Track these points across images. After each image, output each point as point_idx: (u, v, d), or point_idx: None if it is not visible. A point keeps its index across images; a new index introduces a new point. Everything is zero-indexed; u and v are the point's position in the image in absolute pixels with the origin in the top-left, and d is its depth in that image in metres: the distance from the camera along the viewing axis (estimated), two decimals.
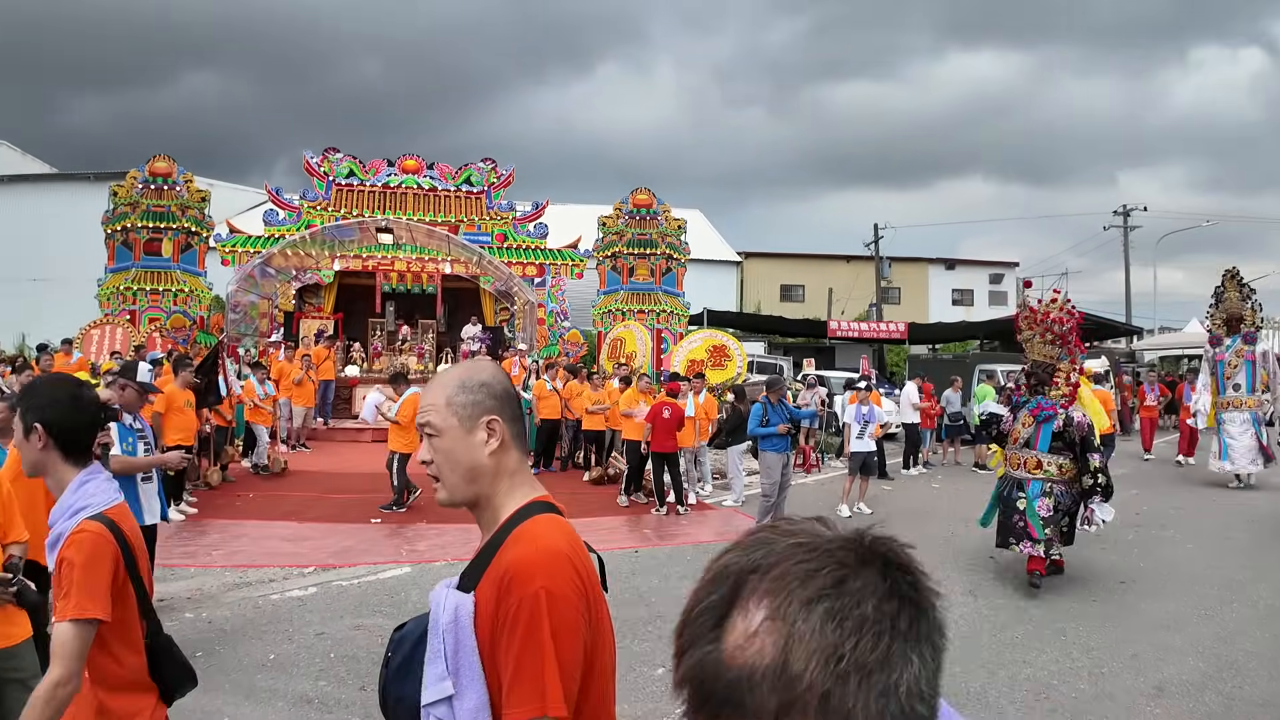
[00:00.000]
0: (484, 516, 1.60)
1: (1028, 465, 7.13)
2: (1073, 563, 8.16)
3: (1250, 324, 13.17)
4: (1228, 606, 6.65)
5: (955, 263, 43.41)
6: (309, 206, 19.31)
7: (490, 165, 20.46)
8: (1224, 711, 4.66)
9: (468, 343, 20.09)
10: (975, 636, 5.94)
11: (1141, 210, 37.31)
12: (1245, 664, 5.37)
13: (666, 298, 19.23)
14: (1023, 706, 4.74)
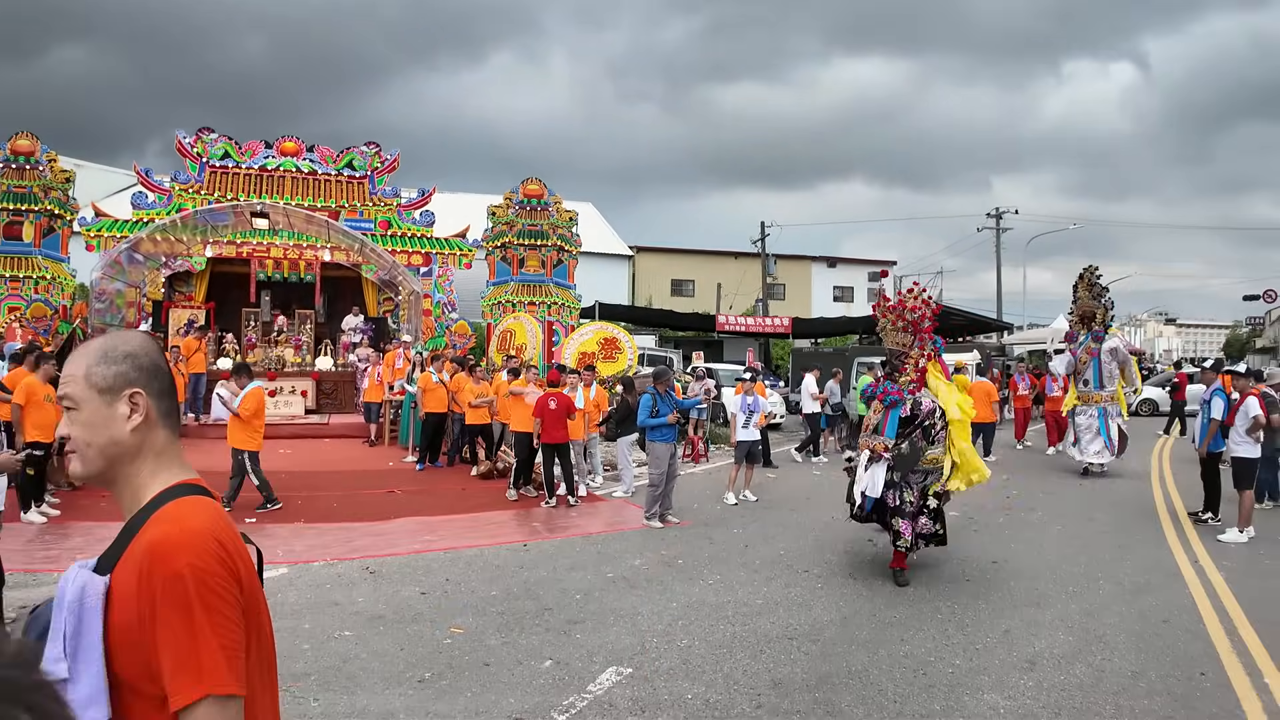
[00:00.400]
0: (124, 497, 1.49)
1: (877, 449, 7.17)
2: (950, 541, 8.45)
3: (1100, 322, 13.71)
4: (1094, 584, 6.99)
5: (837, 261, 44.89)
6: (180, 189, 18.14)
7: (374, 149, 19.69)
8: (1093, 683, 4.85)
9: (348, 334, 19.29)
10: (855, 617, 6.03)
11: (1013, 213, 39.43)
12: (1112, 638, 5.63)
13: (558, 290, 18.99)
14: (901, 683, 4.80)
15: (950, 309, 30.00)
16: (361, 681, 4.65)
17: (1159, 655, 5.29)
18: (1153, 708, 4.49)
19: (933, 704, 4.52)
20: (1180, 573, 7.36)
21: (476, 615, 5.86)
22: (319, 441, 15.10)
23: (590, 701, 4.44)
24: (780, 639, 5.52)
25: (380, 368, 15.00)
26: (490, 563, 7.29)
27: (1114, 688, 4.77)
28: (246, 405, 9.06)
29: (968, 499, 10.98)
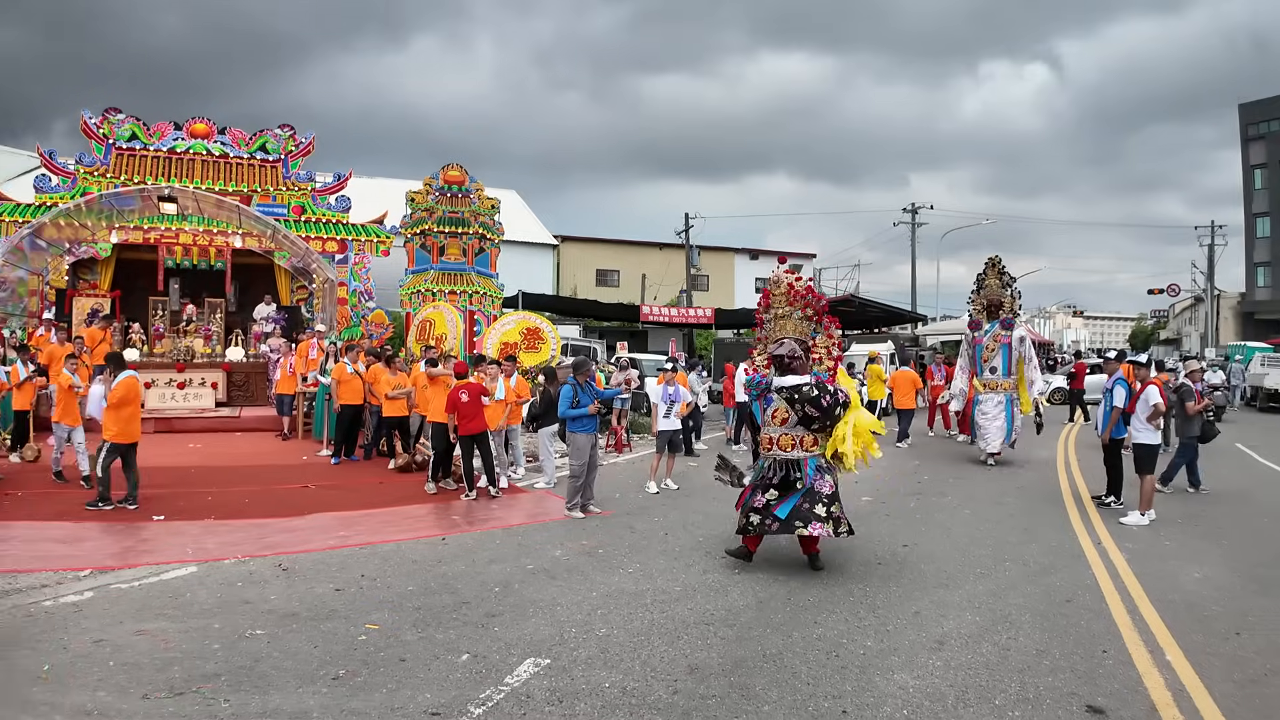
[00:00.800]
0: None
1: (804, 444, 6.92)
2: (859, 529, 8.68)
3: (1009, 310, 13.83)
4: (1001, 565, 7.28)
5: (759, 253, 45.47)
6: (85, 172, 17.27)
7: (289, 132, 19.09)
8: (999, 661, 5.05)
9: (260, 323, 18.64)
10: (771, 602, 6.15)
11: (928, 209, 40.79)
12: (1018, 617, 5.87)
13: (479, 279, 18.71)
14: (814, 665, 4.92)
15: (866, 301, 30.82)
16: (274, 681, 4.53)
17: (1062, 634, 5.54)
18: (1056, 685, 4.69)
19: (845, 685, 4.64)
20: (1084, 554, 7.72)
21: (393, 611, 5.76)
22: (230, 435, 14.59)
23: (507, 694, 4.42)
24: (697, 624, 5.59)
25: (293, 359, 14.56)
26: (407, 557, 7.16)
27: (1019, 665, 4.97)
28: (115, 393, 8.67)
29: (881, 484, 11.38)
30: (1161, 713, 4.35)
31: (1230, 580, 6.87)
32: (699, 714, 4.24)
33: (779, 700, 4.42)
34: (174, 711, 4.12)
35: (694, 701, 4.38)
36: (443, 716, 4.14)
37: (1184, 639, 5.44)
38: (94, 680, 4.47)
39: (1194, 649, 5.26)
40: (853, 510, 9.53)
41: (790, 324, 7.28)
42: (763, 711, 4.28)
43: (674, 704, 4.35)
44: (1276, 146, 50.61)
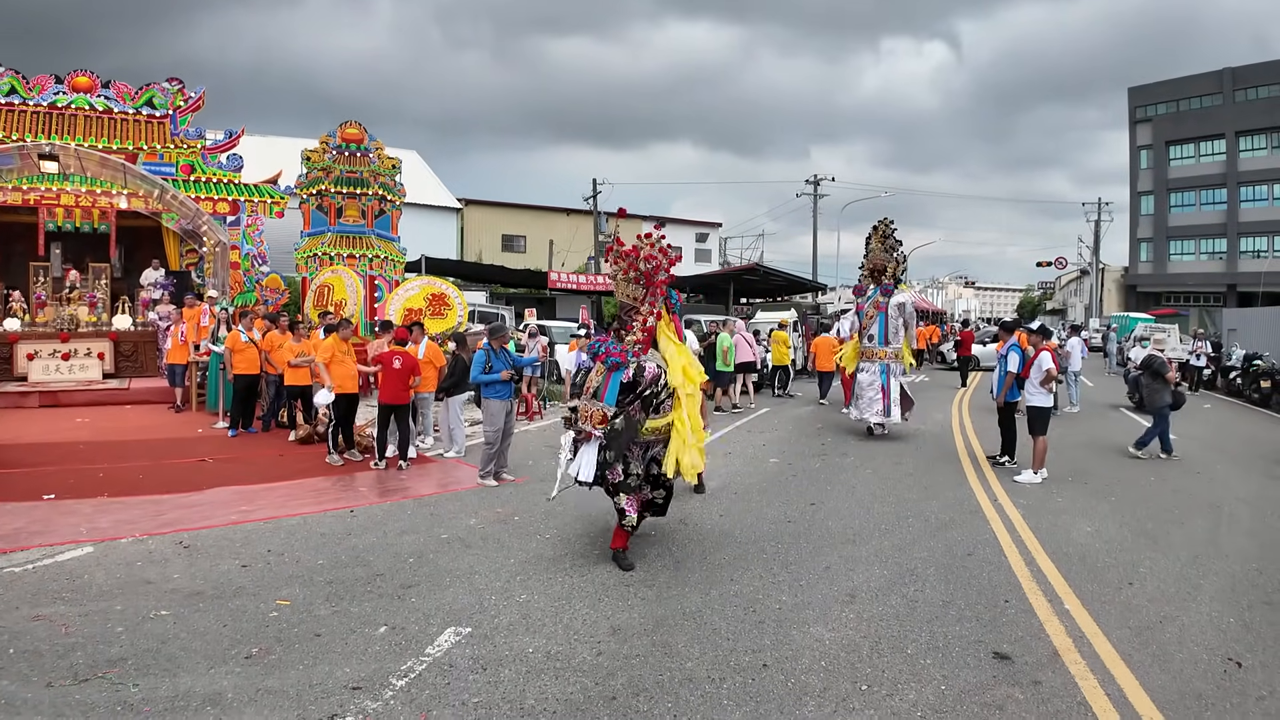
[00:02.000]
0: None
1: (593, 419, 6.00)
2: (768, 486, 8.94)
3: (891, 276, 13.06)
4: (904, 521, 7.60)
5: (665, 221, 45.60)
6: None
7: (177, 86, 17.92)
8: (908, 612, 5.29)
9: (148, 290, 17.61)
10: (687, 561, 6.27)
11: (830, 180, 41.53)
12: (923, 570, 6.15)
13: (380, 242, 18.14)
14: (733, 620, 5.05)
15: (770, 270, 31.37)
16: (183, 663, 4.35)
17: (965, 585, 5.83)
18: (963, 633, 4.95)
19: (763, 639, 4.78)
20: (981, 510, 8.13)
21: (303, 586, 5.60)
22: (120, 409, 13.80)
23: (430, 664, 4.38)
24: (617, 586, 5.65)
25: (184, 326, 13.84)
26: (315, 531, 6.97)
27: (927, 616, 5.22)
28: None
29: (787, 447, 11.70)
30: (1064, 657, 4.65)
31: (1120, 534, 7.35)
32: (623, 673, 4.30)
33: (701, 656, 4.53)
34: (81, 699, 3.92)
35: (618, 661, 4.44)
36: (364, 690, 4.08)
37: (1080, 589, 5.80)
38: None
39: (1090, 598, 5.62)
40: (762, 471, 9.86)
41: (622, 286, 6.35)
42: (685, 668, 4.38)
43: (599, 665, 4.40)
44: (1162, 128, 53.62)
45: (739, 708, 3.98)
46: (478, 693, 4.07)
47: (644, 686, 4.16)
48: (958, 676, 4.37)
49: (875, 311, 12.94)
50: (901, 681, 4.30)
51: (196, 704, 3.91)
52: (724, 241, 48.93)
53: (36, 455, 9.25)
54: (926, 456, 11.20)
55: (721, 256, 47.89)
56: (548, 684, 4.18)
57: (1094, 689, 4.25)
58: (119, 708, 3.85)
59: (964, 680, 4.33)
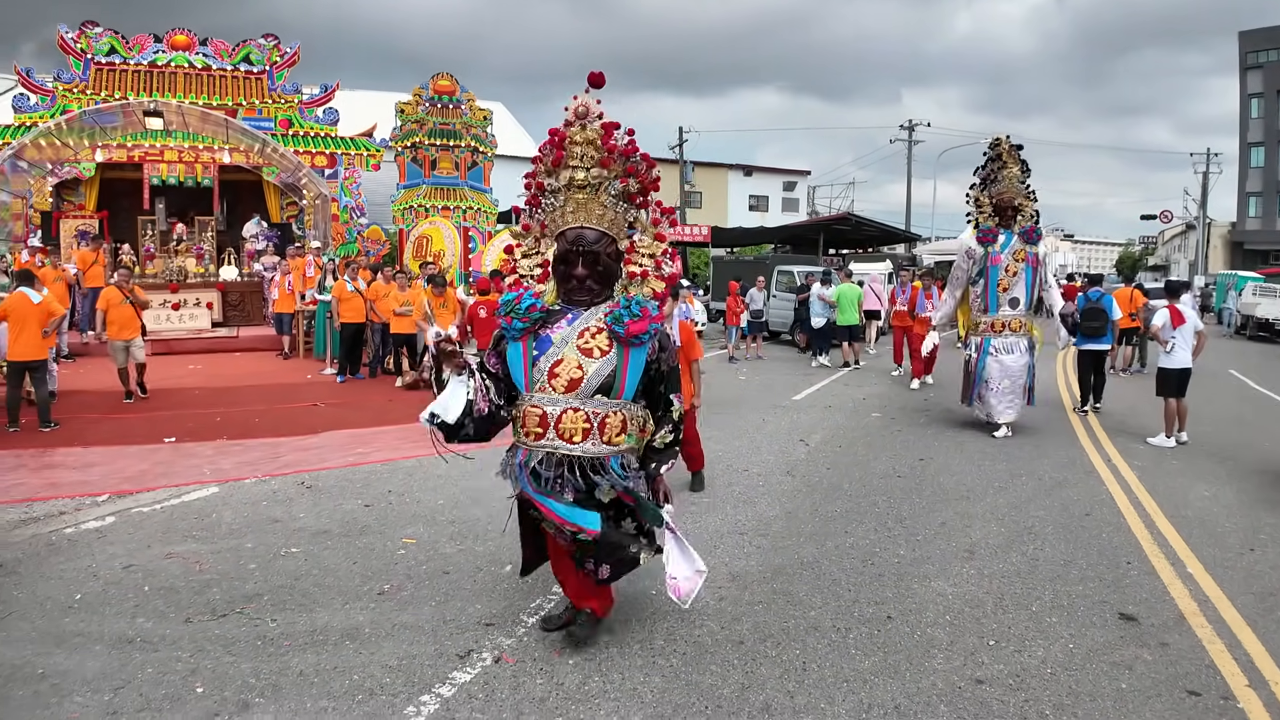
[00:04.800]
0: None
1: (606, 430, 3.72)
2: (874, 441, 8.78)
3: (1029, 216, 9.46)
4: (1016, 479, 7.36)
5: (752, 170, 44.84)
6: (65, 89, 16.59)
7: (272, 42, 18.34)
8: (1030, 569, 5.14)
9: (251, 241, 18.28)
10: (798, 513, 6.21)
11: (925, 126, 39.94)
12: (1040, 529, 5.95)
13: (473, 193, 18.33)
14: (852, 572, 4.99)
15: (863, 219, 30.56)
16: (317, 598, 4.53)
17: (1085, 545, 5.62)
18: (1087, 593, 4.79)
19: (884, 592, 4.71)
20: (1096, 470, 7.79)
21: (427, 525, 5.77)
22: (230, 356, 14.44)
23: (558, 600, 4.45)
24: (730, 534, 5.64)
25: (290, 276, 14.31)
26: (432, 473, 7.15)
27: (1049, 574, 5.06)
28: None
29: (888, 401, 11.44)
30: (1189, 620, 4.45)
31: (1238, 499, 6.96)
32: (748, 619, 4.30)
33: (824, 606, 4.49)
34: (220, 634, 4.09)
35: (740, 607, 4.45)
36: (497, 626, 4.18)
37: (1201, 552, 5.53)
38: (130, 607, 4.41)
39: (1212, 562, 5.35)
40: (865, 426, 9.68)
41: (596, 203, 3.77)
42: (810, 616, 4.35)
43: (722, 609, 4.41)
44: (1274, 76, 49.79)
45: (867, 657, 3.93)
46: (607, 629, 4.13)
47: (770, 633, 4.15)
48: (1085, 635, 4.24)
49: (1018, 265, 9.26)
50: (1029, 638, 4.19)
51: (335, 638, 4.06)
52: (812, 190, 47.82)
53: (154, 401, 9.75)
54: (1035, 414, 10.78)
55: (810, 205, 46.90)
56: (674, 626, 4.21)
57: (1221, 653, 4.08)
58: (259, 642, 4.02)
59: (1091, 639, 4.20)
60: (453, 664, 3.79)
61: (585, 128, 3.74)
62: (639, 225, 3.91)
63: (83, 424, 8.97)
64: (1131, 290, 15.04)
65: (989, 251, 9.34)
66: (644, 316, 3.68)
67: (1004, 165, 9.42)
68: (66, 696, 3.51)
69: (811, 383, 13.19)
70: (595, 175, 3.73)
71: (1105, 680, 3.79)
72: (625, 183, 3.78)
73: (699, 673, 3.75)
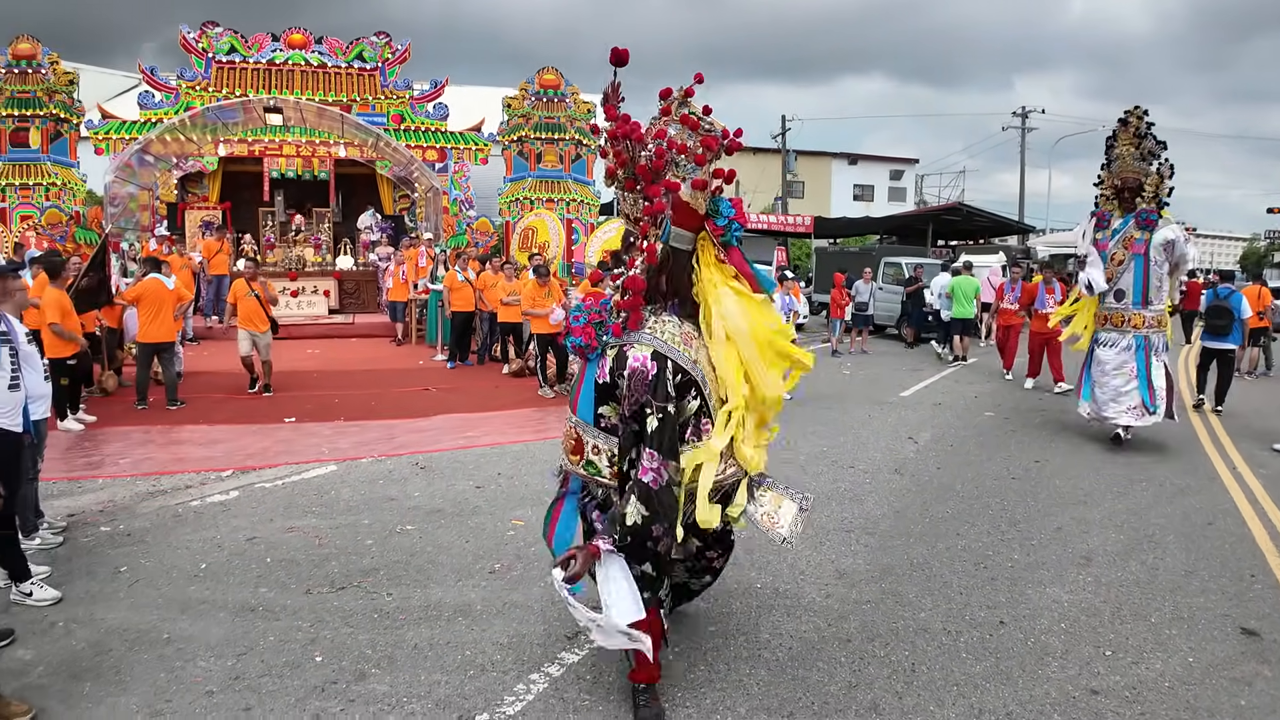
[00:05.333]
0: None
1: (566, 446, 3.49)
2: (986, 441, 8.50)
3: (1150, 197, 8.37)
4: (1135, 485, 7.01)
5: (857, 158, 43.86)
6: (188, 87, 17.60)
7: (384, 40, 18.98)
8: (1149, 579, 4.91)
9: (365, 232, 19.05)
10: (907, 511, 6.08)
11: (1039, 113, 38.20)
12: (1161, 537, 5.67)
13: (576, 186, 18.57)
14: (963, 575, 4.87)
15: (974, 209, 29.47)
16: (432, 574, 4.72)
17: (1208, 556, 5.33)
18: (1208, 605, 4.55)
19: (997, 596, 4.58)
20: (1219, 477, 7.36)
21: (534, 508, 5.90)
22: (346, 341, 15.11)
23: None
24: (838, 531, 5.58)
25: (404, 266, 14.86)
26: (538, 457, 7.32)
27: (1169, 585, 4.83)
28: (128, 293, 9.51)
29: (1000, 399, 11.04)
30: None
31: None
32: (855, 617, 4.26)
33: (934, 608, 4.40)
34: (338, 606, 4.30)
35: (848, 605, 4.40)
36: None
37: None
38: (253, 577, 4.66)
39: None
40: (977, 425, 9.38)
41: (627, 201, 3.51)
42: (919, 618, 4.27)
43: (829, 606, 4.38)
44: None
45: (979, 662, 3.84)
46: (712, 621, 4.16)
47: (878, 632, 4.10)
48: (1204, 649, 4.05)
49: (1126, 254, 8.30)
50: (1146, 650, 4.01)
51: (448, 614, 4.23)
52: (920, 179, 46.40)
53: (275, 383, 10.28)
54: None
55: (918, 195, 45.55)
56: (780, 620, 4.20)
57: None
58: (375, 614, 4.21)
59: (1211, 654, 4.01)
60: (561, 645, 3.90)
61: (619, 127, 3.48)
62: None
63: (208, 403, 9.56)
64: (1259, 288, 13.99)
65: (1098, 238, 8.60)
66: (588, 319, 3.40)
67: (1118, 142, 8.66)
68: (190, 660, 3.77)
69: (919, 379, 12.85)
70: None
71: (1224, 696, 3.62)
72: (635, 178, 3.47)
73: (805, 668, 3.74)
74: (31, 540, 4.95)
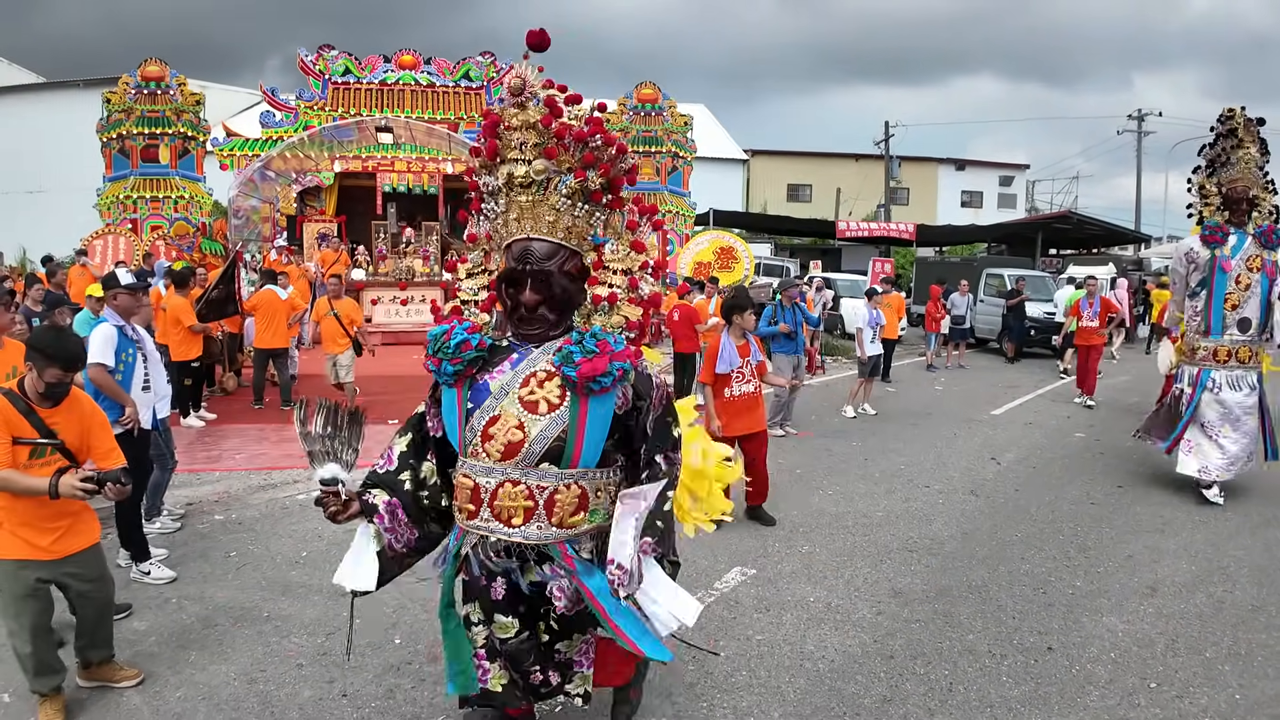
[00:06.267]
0: None
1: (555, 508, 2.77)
2: (1071, 463, 8.37)
3: (1266, 211, 7.24)
4: (1220, 514, 6.81)
5: (965, 164, 42.67)
6: (306, 107, 18.89)
7: (489, 59, 19.86)
8: (1213, 613, 4.86)
9: None
10: (975, 534, 6.15)
11: (1156, 116, 36.32)
12: (1235, 570, 5.56)
13: (672, 198, 18.97)
14: (1020, 600, 4.95)
15: (1085, 218, 28.37)
16: None
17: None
18: (1269, 641, 4.49)
19: (1051, 622, 4.66)
20: None
21: None
22: None
23: (718, 598, 4.79)
24: (900, 551, 5.72)
25: None
26: None
27: (1233, 619, 4.77)
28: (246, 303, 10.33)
29: (1094, 419, 10.76)
30: None
31: None
32: (902, 635, 4.43)
33: (983, 630, 4.52)
34: (419, 595, 4.65)
35: (898, 623, 4.57)
36: None
37: None
38: None
39: None
40: (1065, 446, 9.23)
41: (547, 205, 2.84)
42: (966, 640, 4.41)
43: (878, 623, 4.57)
44: None
45: (1018, 685, 3.96)
46: (761, 630, 4.42)
47: (922, 651, 4.27)
48: (1255, 686, 4.02)
49: (1252, 275, 7.06)
50: (1194, 684, 4.02)
51: None
52: (1031, 185, 44.74)
53: (383, 386, 10.97)
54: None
55: (1028, 202, 43.95)
56: (827, 634, 4.42)
57: None
58: None
59: (1261, 691, 3.97)
60: None
61: (525, 107, 2.84)
62: (611, 231, 2.94)
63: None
64: None
65: (1216, 255, 7.11)
66: (603, 352, 2.64)
67: (1239, 144, 7.19)
68: (286, 636, 4.33)
69: (1014, 396, 12.63)
70: (540, 169, 2.78)
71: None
72: (583, 176, 2.77)
73: (844, 680, 3.95)
74: (153, 525, 5.68)
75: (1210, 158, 7.42)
